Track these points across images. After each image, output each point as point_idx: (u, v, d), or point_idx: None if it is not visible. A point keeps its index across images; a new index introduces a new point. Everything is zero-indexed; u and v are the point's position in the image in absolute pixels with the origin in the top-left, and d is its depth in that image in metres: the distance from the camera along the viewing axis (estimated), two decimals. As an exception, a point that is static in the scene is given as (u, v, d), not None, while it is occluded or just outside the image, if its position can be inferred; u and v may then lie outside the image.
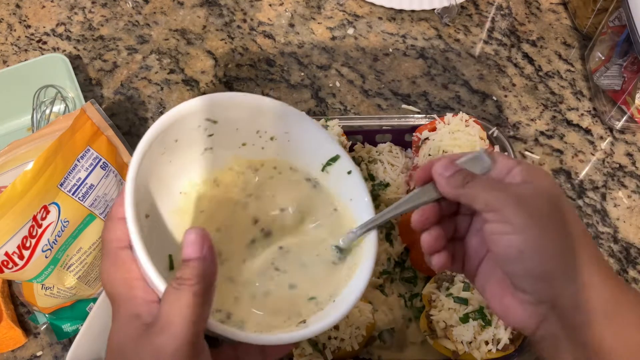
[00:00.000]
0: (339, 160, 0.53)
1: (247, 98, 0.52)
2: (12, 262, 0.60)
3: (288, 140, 0.54)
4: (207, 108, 0.50)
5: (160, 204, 0.50)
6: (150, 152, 0.46)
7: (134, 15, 0.97)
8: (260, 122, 0.53)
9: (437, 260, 0.46)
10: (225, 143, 0.53)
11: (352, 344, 0.61)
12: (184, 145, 0.51)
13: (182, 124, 0.49)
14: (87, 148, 0.65)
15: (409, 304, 0.70)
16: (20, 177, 0.59)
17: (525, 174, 0.42)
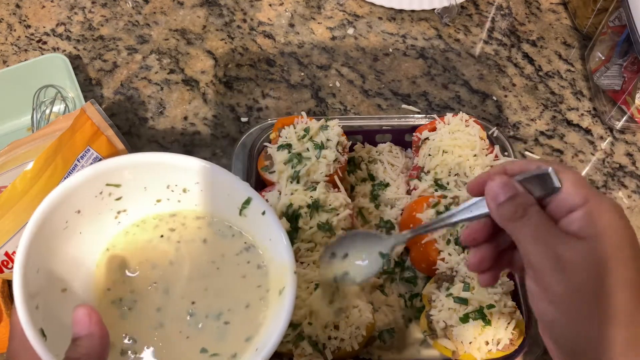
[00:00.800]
0: (252, 202, 0.53)
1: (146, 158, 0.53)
2: (12, 262, 0.60)
3: (201, 190, 0.54)
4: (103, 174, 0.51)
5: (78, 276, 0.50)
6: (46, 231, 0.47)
7: (134, 15, 0.97)
8: (167, 177, 0.54)
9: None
10: (138, 203, 0.54)
11: (352, 344, 0.61)
12: (91, 214, 0.51)
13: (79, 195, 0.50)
14: (87, 148, 0.65)
15: (409, 304, 0.70)
16: (20, 177, 0.59)
17: (586, 224, 0.37)
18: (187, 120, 0.86)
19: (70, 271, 0.50)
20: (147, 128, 0.85)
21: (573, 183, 0.38)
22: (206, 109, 0.87)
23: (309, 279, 0.63)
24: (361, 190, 0.76)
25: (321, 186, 0.66)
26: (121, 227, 0.54)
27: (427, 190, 0.70)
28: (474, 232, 0.43)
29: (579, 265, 0.36)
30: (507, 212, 0.39)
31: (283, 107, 0.88)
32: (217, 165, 0.54)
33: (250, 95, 0.89)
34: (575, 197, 0.37)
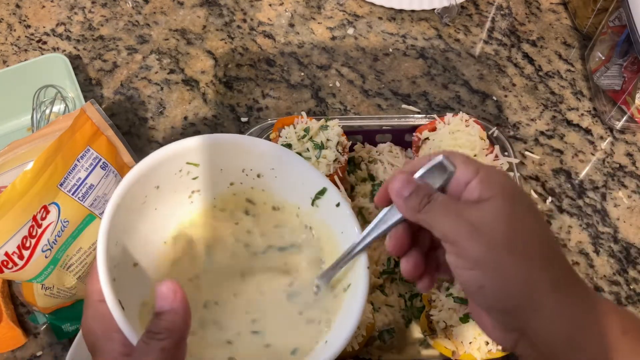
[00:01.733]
0: (326, 192, 0.53)
1: (226, 139, 0.52)
2: (12, 262, 0.60)
3: (275, 177, 0.54)
4: (185, 152, 0.51)
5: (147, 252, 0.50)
6: (127, 204, 0.47)
7: (134, 15, 0.97)
8: (244, 160, 0.53)
9: (421, 286, 0.45)
10: (212, 184, 0.54)
11: (352, 344, 0.61)
12: (168, 191, 0.51)
13: (161, 171, 0.50)
14: (87, 148, 0.65)
15: (409, 304, 0.70)
16: (20, 177, 0.59)
17: (482, 189, 0.39)
18: (187, 120, 0.86)
19: (141, 246, 0.49)
20: (147, 128, 0.85)
21: (464, 162, 0.41)
22: (206, 109, 0.87)
23: (309, 279, 0.62)
24: (361, 190, 0.76)
25: (321, 186, 0.66)
26: (193, 207, 0.54)
27: (427, 190, 0.70)
28: (397, 239, 0.44)
29: (490, 223, 0.38)
30: (414, 203, 0.41)
31: (283, 107, 0.88)
32: (294, 153, 0.53)
33: (250, 95, 0.89)
34: (468, 172, 0.40)
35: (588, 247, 0.78)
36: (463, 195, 0.40)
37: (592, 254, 0.77)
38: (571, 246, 0.78)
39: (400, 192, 0.42)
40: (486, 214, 0.38)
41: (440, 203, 0.40)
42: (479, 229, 0.38)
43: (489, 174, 0.40)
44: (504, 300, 0.39)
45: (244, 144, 0.53)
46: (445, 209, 0.40)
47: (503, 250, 0.38)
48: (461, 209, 0.39)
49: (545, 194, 0.81)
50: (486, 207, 0.39)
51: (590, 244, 0.78)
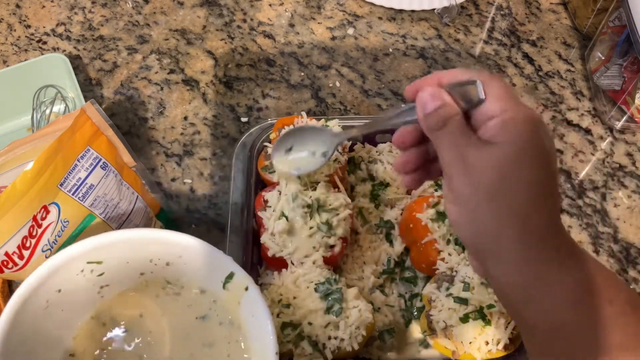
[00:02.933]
0: (235, 276, 0.54)
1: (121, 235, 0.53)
2: (12, 262, 0.60)
3: (184, 264, 0.55)
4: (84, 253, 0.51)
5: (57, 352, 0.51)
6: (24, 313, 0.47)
7: (134, 15, 0.97)
8: (149, 251, 0.54)
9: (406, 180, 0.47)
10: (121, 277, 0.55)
11: (352, 344, 0.61)
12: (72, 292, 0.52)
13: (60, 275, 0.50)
14: (87, 148, 0.65)
15: (409, 304, 0.70)
16: (20, 177, 0.59)
17: (496, 131, 0.39)
18: (187, 120, 0.86)
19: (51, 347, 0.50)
20: (147, 128, 0.85)
21: (497, 94, 0.40)
22: (206, 109, 0.87)
23: (308, 279, 0.63)
24: (361, 190, 0.76)
25: (321, 186, 0.66)
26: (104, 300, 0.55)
27: (427, 190, 0.70)
28: (403, 135, 0.45)
29: (482, 167, 0.39)
30: (432, 122, 0.41)
31: (283, 107, 0.88)
32: (199, 239, 0.54)
33: (250, 95, 0.89)
34: (495, 107, 0.40)
35: (588, 247, 0.78)
36: (480, 129, 0.41)
37: (592, 254, 0.77)
38: (571, 246, 0.78)
39: (425, 104, 0.42)
40: (485, 159, 0.39)
41: (452, 132, 0.41)
42: (471, 171, 0.39)
43: (513, 119, 0.39)
44: (472, 240, 0.41)
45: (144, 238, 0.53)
46: (453, 140, 0.40)
47: (484, 197, 0.39)
48: (466, 146, 0.40)
49: (545, 194, 0.81)
50: (489, 152, 0.39)
51: (590, 244, 0.78)
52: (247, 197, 0.71)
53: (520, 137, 0.39)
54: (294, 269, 0.64)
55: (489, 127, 0.40)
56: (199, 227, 0.77)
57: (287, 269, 0.65)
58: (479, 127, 0.41)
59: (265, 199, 0.68)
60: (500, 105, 0.40)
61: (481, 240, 0.40)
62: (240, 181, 0.72)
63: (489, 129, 0.40)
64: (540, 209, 0.39)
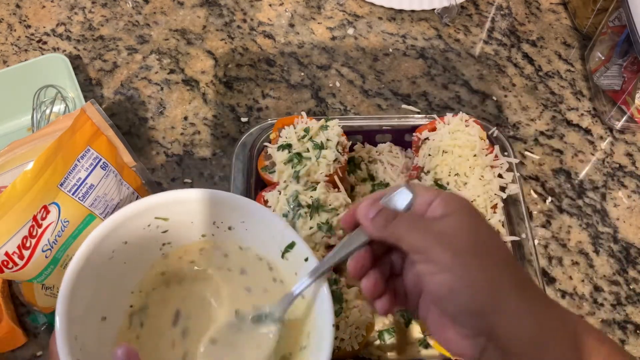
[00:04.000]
0: (295, 246, 0.53)
1: (193, 194, 0.53)
2: (12, 262, 0.60)
3: (246, 229, 0.55)
4: (154, 207, 0.51)
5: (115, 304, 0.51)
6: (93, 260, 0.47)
7: (134, 15, 0.97)
8: (214, 213, 0.54)
9: (380, 305, 0.47)
10: (183, 236, 0.55)
11: (352, 344, 0.61)
12: (137, 245, 0.52)
13: (128, 226, 0.50)
14: (87, 148, 0.65)
15: (409, 304, 0.70)
16: (20, 177, 0.59)
17: (444, 207, 0.43)
18: (187, 120, 0.86)
19: (110, 299, 0.50)
20: (147, 128, 0.85)
21: (423, 189, 0.45)
22: (206, 109, 0.87)
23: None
24: (361, 190, 0.76)
25: (321, 186, 0.66)
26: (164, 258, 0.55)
27: (427, 190, 0.70)
28: (359, 260, 0.46)
29: (454, 232, 0.42)
30: (380, 222, 0.44)
31: (283, 107, 0.88)
32: (264, 207, 0.54)
33: (250, 95, 0.89)
34: (429, 195, 0.44)
35: (588, 247, 0.78)
36: (427, 213, 0.44)
37: (592, 254, 0.77)
38: (571, 246, 0.78)
39: (367, 213, 0.45)
40: (450, 226, 0.42)
41: (407, 218, 0.44)
42: (445, 238, 0.41)
43: (448, 196, 0.44)
44: (471, 301, 0.41)
45: (215, 199, 0.53)
46: (412, 223, 0.43)
47: (468, 255, 0.41)
48: (427, 223, 0.43)
49: (545, 194, 0.81)
50: (449, 220, 0.42)
51: (590, 243, 0.78)
52: (247, 197, 0.71)
53: (464, 207, 0.43)
54: (294, 269, 0.64)
55: (435, 207, 0.43)
56: (199, 227, 0.77)
57: (287, 269, 0.65)
58: (424, 212, 0.44)
59: (265, 199, 0.68)
60: (430, 193, 0.44)
61: (480, 297, 0.40)
62: (240, 181, 0.72)
63: (436, 208, 0.43)
64: (514, 259, 0.43)
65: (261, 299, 0.54)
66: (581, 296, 0.74)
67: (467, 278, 0.40)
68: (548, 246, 0.77)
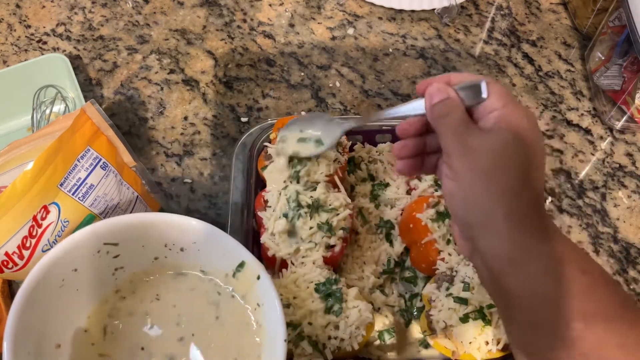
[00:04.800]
0: (246, 265, 0.54)
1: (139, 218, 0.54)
2: (12, 262, 0.60)
3: (198, 250, 0.56)
4: (101, 234, 0.52)
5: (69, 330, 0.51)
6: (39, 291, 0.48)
7: (134, 15, 0.97)
8: (164, 236, 0.55)
9: (399, 165, 0.53)
10: (136, 260, 0.55)
11: (352, 344, 0.61)
12: (88, 272, 0.52)
13: (76, 254, 0.51)
14: (87, 148, 0.65)
15: (409, 304, 0.70)
16: (20, 177, 0.59)
17: (494, 122, 0.44)
18: (187, 120, 0.86)
19: (64, 326, 0.51)
20: (147, 128, 0.85)
21: (498, 93, 0.46)
22: (206, 109, 0.87)
23: (309, 279, 0.63)
24: (361, 190, 0.76)
25: (321, 186, 0.66)
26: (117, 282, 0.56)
27: (427, 190, 0.70)
28: (407, 124, 0.51)
29: (480, 151, 0.44)
30: (436, 111, 0.47)
31: (283, 107, 0.88)
32: (214, 227, 0.55)
33: (250, 95, 0.89)
34: (496, 103, 0.45)
35: (588, 247, 0.78)
36: (481, 120, 0.46)
37: (592, 254, 0.77)
38: (571, 246, 0.78)
39: (432, 96, 0.47)
40: (483, 143, 0.44)
41: (454, 119, 0.45)
42: (470, 153, 0.44)
43: (512, 112, 0.45)
44: (464, 213, 0.45)
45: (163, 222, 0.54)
46: (454, 127, 0.45)
47: (480, 176, 0.43)
48: (467, 133, 0.45)
49: (545, 194, 0.81)
50: (487, 138, 0.44)
51: (590, 244, 0.78)
52: (247, 197, 0.71)
53: (515, 126, 0.44)
54: (294, 269, 0.64)
55: (490, 118, 0.45)
56: (199, 227, 0.77)
57: (287, 269, 0.65)
58: (480, 119, 0.46)
59: (265, 199, 0.68)
60: (501, 102, 0.45)
61: (473, 214, 0.44)
62: (240, 181, 0.72)
63: (489, 120, 0.45)
64: (528, 190, 0.44)
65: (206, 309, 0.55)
66: (581, 296, 0.74)
67: (468, 194, 0.44)
68: (548, 246, 0.77)
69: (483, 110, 0.46)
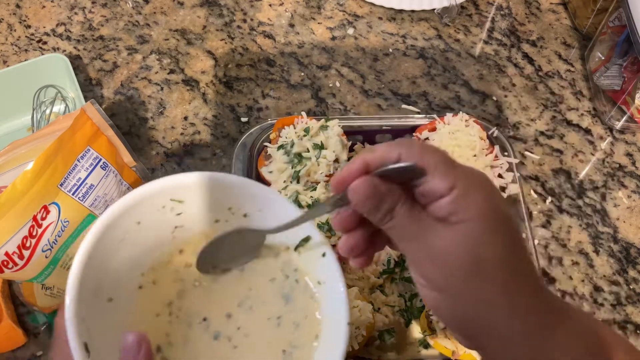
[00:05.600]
0: (311, 240, 0.51)
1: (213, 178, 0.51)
2: (12, 262, 0.60)
3: (263, 218, 0.53)
4: (171, 189, 0.50)
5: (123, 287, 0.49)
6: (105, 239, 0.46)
7: (134, 15, 0.97)
8: (231, 199, 0.52)
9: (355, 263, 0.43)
10: (197, 220, 0.53)
11: (352, 344, 0.61)
12: (149, 227, 0.50)
13: (143, 207, 0.49)
14: (87, 148, 0.65)
15: (409, 304, 0.70)
16: (20, 177, 0.59)
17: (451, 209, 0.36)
18: (187, 120, 0.86)
19: (118, 281, 0.49)
20: (147, 128, 0.85)
21: (438, 169, 0.37)
22: (206, 109, 0.87)
23: (309, 279, 0.62)
24: (361, 190, 0.76)
25: (321, 186, 0.66)
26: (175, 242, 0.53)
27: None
28: (344, 219, 0.41)
29: (450, 251, 0.36)
30: (375, 218, 0.38)
31: (283, 107, 0.88)
32: (284, 198, 0.52)
33: (250, 95, 0.89)
34: (442, 183, 0.36)
35: (588, 247, 0.78)
36: (431, 206, 0.37)
37: (592, 254, 0.77)
38: (571, 246, 0.78)
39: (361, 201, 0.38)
40: (450, 241, 0.36)
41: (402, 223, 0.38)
42: (439, 256, 0.36)
43: (465, 192, 0.36)
44: (458, 326, 0.38)
45: (235, 185, 0.52)
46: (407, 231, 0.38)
47: (462, 277, 0.36)
48: (424, 234, 0.37)
49: (545, 194, 0.81)
50: (451, 233, 0.36)
51: (590, 244, 0.78)
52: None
53: (479, 211, 0.36)
54: (294, 269, 0.64)
55: (442, 206, 0.36)
56: (199, 227, 0.77)
57: (287, 269, 0.65)
58: (428, 205, 0.37)
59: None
60: (446, 180, 0.36)
61: (468, 323, 0.38)
62: (240, 181, 0.72)
63: (443, 208, 0.36)
64: (523, 280, 0.37)
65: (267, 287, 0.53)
66: (581, 296, 0.74)
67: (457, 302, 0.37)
68: (548, 246, 0.77)
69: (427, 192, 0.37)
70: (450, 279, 0.36)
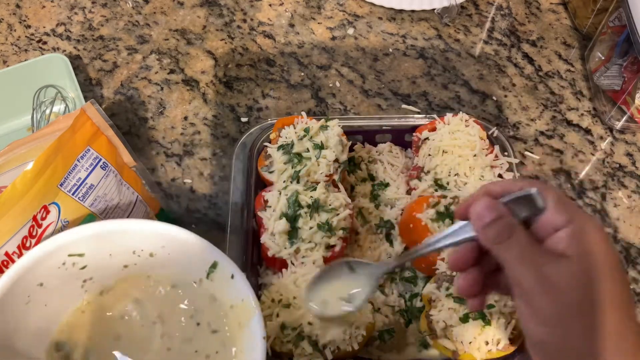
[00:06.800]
0: (218, 266, 0.53)
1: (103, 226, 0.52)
2: (12, 262, 0.60)
3: (168, 254, 0.54)
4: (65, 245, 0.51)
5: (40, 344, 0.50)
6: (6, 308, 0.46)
7: (134, 15, 0.97)
8: (131, 242, 0.53)
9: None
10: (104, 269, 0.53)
11: (352, 344, 0.61)
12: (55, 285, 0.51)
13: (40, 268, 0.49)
14: (87, 148, 0.65)
15: (409, 304, 0.70)
16: (20, 177, 0.59)
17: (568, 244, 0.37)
18: (187, 120, 0.86)
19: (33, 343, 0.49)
20: (147, 128, 0.85)
21: (557, 202, 0.39)
22: (206, 109, 0.87)
23: (309, 279, 0.63)
24: (361, 190, 0.76)
25: (321, 186, 0.66)
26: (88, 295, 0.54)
27: (427, 190, 0.70)
28: (461, 256, 0.43)
29: (568, 285, 0.37)
30: (493, 234, 0.39)
31: (283, 107, 0.88)
32: (181, 228, 0.53)
33: (250, 95, 0.89)
34: (560, 217, 0.38)
35: (588, 247, 0.78)
36: (548, 241, 0.38)
37: (592, 254, 0.77)
38: (571, 246, 0.78)
39: (482, 216, 0.40)
40: (564, 277, 0.37)
41: (521, 245, 0.38)
42: (555, 288, 0.37)
43: (582, 229, 0.38)
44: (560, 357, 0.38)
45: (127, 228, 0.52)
46: (523, 255, 0.38)
47: (573, 312, 0.36)
48: (541, 262, 0.37)
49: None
50: (566, 269, 0.37)
51: (590, 244, 0.78)
52: (247, 197, 0.71)
53: (592, 250, 0.37)
54: (294, 269, 0.64)
55: (560, 239, 0.38)
56: (199, 227, 0.77)
57: (287, 269, 0.65)
58: (545, 238, 0.39)
59: (265, 199, 0.68)
60: (565, 215, 0.38)
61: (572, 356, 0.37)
62: (240, 181, 0.72)
63: (560, 241, 0.38)
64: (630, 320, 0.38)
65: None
66: (581, 296, 0.74)
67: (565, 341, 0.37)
68: (548, 246, 0.77)
69: (545, 226, 0.39)
70: (563, 311, 0.37)
